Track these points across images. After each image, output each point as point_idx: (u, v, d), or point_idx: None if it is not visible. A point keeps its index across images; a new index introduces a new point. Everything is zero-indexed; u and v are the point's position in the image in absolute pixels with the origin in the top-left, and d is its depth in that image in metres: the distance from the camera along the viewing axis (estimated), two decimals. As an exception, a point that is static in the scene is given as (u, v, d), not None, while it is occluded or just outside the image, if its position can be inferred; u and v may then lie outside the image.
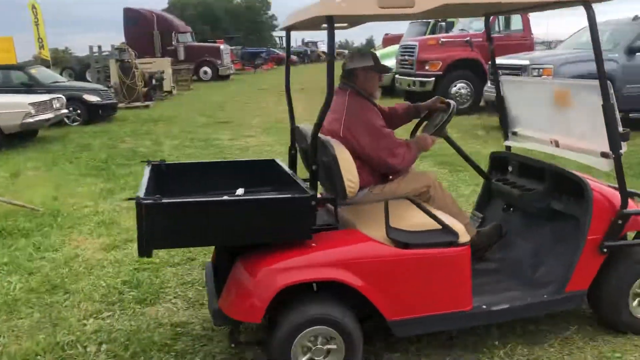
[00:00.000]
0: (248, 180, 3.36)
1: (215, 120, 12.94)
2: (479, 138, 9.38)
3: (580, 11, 3.57)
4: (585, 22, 2.82)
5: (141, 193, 2.59)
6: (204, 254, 4.48)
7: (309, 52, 50.78)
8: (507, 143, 3.80)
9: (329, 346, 2.68)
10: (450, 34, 13.97)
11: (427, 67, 12.48)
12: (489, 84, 10.59)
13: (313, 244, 2.68)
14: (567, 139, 3.26)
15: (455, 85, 12.43)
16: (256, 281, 2.61)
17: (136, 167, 7.85)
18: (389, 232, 2.75)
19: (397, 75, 13.74)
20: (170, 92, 18.77)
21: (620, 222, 2.99)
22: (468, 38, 12.66)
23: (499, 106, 3.79)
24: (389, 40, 22.24)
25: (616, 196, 3.03)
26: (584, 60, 8.97)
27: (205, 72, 26.51)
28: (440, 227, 2.83)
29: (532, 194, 3.40)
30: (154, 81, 16.95)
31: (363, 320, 2.80)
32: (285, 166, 3.40)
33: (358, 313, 2.76)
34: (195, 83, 23.99)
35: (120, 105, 14.34)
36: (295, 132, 3.56)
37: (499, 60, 10.37)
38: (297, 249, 2.67)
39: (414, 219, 2.89)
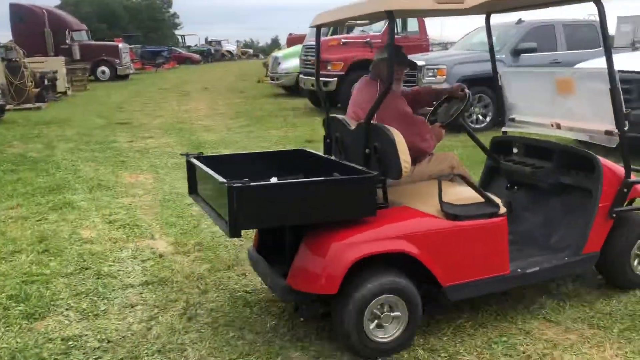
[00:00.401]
0: (279, 169, 3.46)
1: (113, 121, 12.43)
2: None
3: (472, 15, 3.82)
4: (475, 25, 3.14)
5: (219, 179, 2.77)
6: (99, 262, 4.29)
7: (212, 51, 49.95)
8: (505, 128, 4.18)
9: (394, 313, 2.95)
10: (351, 34, 14.25)
11: (329, 67, 12.65)
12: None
13: (372, 221, 2.93)
14: (569, 122, 3.65)
15: (357, 85, 12.71)
16: (331, 256, 2.84)
17: (25, 173, 7.38)
18: (443, 206, 3.05)
19: (300, 75, 13.84)
20: (64, 93, 17.81)
21: (625, 190, 3.45)
22: (368, 39, 12.98)
23: (497, 95, 4.19)
24: (292, 40, 22.34)
25: (619, 168, 3.51)
26: (476, 61, 9.48)
27: (103, 72, 25.40)
28: (483, 200, 3.16)
29: (544, 170, 3.77)
30: (46, 81, 16.00)
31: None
32: (319, 154, 3.68)
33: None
34: (93, 83, 22.93)
35: (8, 107, 13.38)
36: (329, 121, 3.75)
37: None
38: (362, 225, 2.93)
39: (459, 194, 3.20)
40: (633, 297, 3.55)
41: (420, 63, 9.89)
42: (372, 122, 3.13)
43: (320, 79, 12.61)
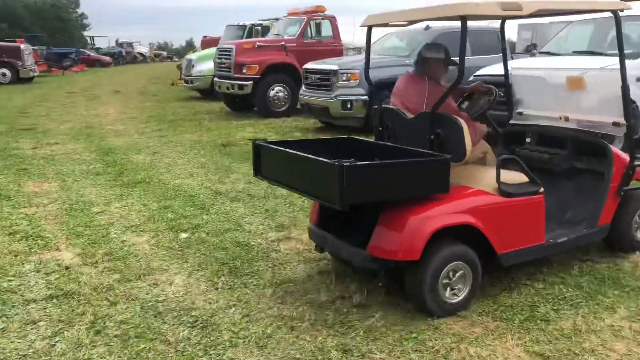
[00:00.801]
0: (330, 155, 3.58)
1: (15, 127, 11.73)
2: (298, 138, 9.67)
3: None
4: (386, 30, 3.42)
5: (325, 160, 3.13)
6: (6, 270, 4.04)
7: (124, 53, 48.31)
8: (513, 121, 4.63)
9: (459, 285, 3.40)
10: (266, 38, 14.24)
11: (244, 70, 12.54)
12: (303, 87, 10.98)
13: (442, 198, 3.35)
14: (577, 115, 4.14)
15: (273, 89, 12.68)
16: (414, 227, 3.25)
17: None
18: (500, 186, 3.52)
19: (215, 78, 13.65)
20: (-41, 97, 16.67)
21: (630, 172, 4.07)
22: (283, 43, 13.00)
23: (505, 91, 4.61)
24: (207, 43, 21.98)
25: (624, 154, 4.13)
26: (388, 66, 9.67)
27: (4, 75, 23.92)
28: (528, 180, 3.66)
29: (559, 157, 4.31)
30: (-63, 84, 14.90)
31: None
32: (368, 140, 4.14)
33: None
34: (-8, 86, 21.58)
35: None
36: (381, 111, 4.11)
37: (310, 65, 10.82)
38: (435, 201, 3.36)
39: (509, 175, 3.64)
40: (532, 289, 3.77)
41: (333, 67, 10.02)
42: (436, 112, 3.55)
43: (236, 82, 12.61)
